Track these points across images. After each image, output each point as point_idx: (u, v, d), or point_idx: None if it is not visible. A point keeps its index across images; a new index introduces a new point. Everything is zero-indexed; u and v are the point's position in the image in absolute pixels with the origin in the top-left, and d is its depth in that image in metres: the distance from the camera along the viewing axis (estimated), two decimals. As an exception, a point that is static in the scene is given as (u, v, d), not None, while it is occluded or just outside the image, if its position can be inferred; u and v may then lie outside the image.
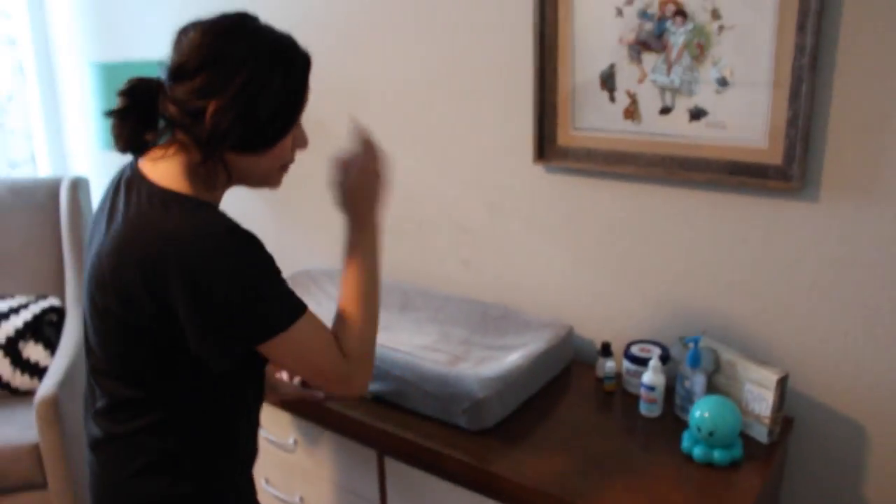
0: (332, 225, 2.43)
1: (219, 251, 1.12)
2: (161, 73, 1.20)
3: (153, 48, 2.79)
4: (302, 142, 1.32)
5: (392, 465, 1.66)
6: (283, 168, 1.31)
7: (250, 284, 1.15)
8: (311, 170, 2.43)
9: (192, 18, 1.21)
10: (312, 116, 2.30)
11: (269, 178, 1.31)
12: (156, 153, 1.22)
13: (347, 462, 1.76)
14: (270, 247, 1.22)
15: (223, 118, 1.15)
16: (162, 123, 1.22)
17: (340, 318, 1.30)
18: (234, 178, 1.26)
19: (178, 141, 1.21)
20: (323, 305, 2.12)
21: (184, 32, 1.19)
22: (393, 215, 2.26)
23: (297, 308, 1.21)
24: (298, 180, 2.46)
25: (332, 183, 1.35)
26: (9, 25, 3.13)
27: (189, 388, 1.24)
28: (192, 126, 1.16)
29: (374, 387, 1.71)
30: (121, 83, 1.21)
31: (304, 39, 1.26)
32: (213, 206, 1.21)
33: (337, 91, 2.29)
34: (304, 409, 1.78)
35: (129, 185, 1.22)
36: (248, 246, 1.16)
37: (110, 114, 1.20)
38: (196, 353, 1.17)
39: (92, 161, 3.26)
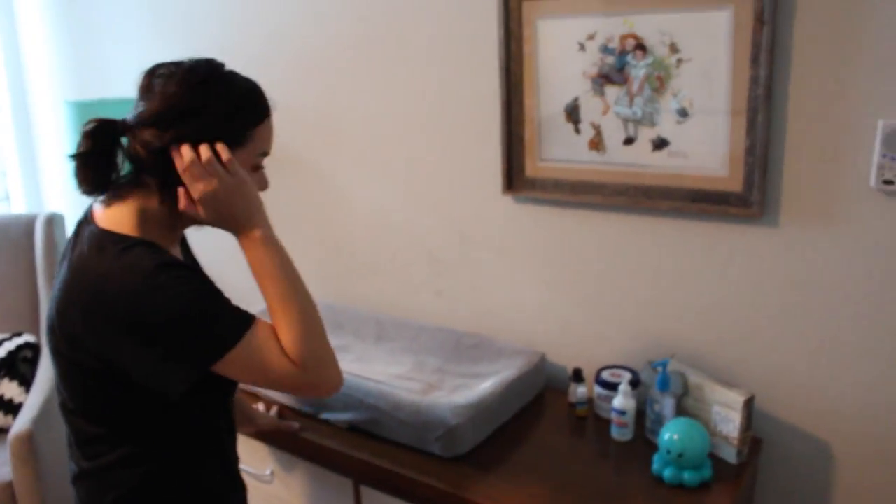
0: (307, 257, 2.45)
1: (150, 286, 1.13)
2: (129, 115, 1.22)
3: (128, 86, 2.81)
4: (263, 184, 1.36)
5: (368, 494, 1.67)
6: None
7: (189, 310, 1.15)
8: (286, 202, 2.46)
9: (162, 58, 1.24)
10: (287, 149, 2.33)
11: None
12: (113, 195, 1.24)
13: (323, 491, 1.77)
14: (246, 278, 1.24)
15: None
16: (123, 164, 1.24)
17: (275, 332, 1.27)
18: (201, 220, 1.28)
19: (140, 183, 1.23)
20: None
21: (152, 76, 1.23)
22: (368, 246, 2.30)
23: (243, 321, 1.20)
24: (274, 212, 2.49)
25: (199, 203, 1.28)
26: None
27: (152, 422, 1.25)
28: (160, 170, 1.20)
29: (348, 416, 1.73)
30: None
31: (278, 73, 1.30)
32: (149, 245, 1.20)
33: (310, 123, 2.32)
34: (280, 439, 1.79)
35: (80, 229, 1.26)
36: (178, 276, 1.16)
37: (73, 156, 1.21)
38: (151, 386, 1.18)
39: (67, 198, 3.26)
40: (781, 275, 1.63)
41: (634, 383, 1.73)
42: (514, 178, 1.92)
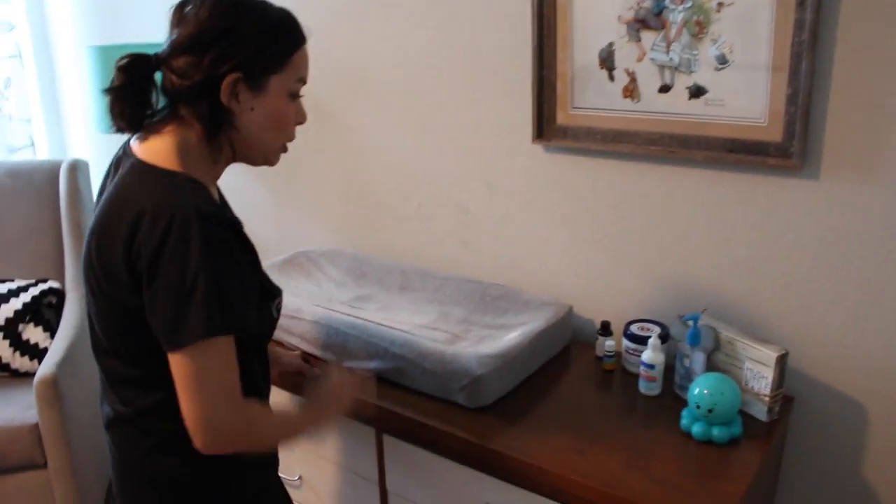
0: (331, 207, 2.43)
1: (180, 231, 1.08)
2: (163, 48, 1.19)
3: (151, 31, 2.78)
4: (301, 116, 1.31)
5: (391, 443, 1.67)
6: (283, 147, 1.31)
7: (189, 278, 1.08)
8: (311, 151, 2.43)
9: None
10: (311, 98, 2.30)
11: (270, 155, 1.31)
12: (150, 130, 1.22)
13: (346, 441, 1.77)
14: (269, 228, 1.21)
15: (232, 89, 1.17)
16: (159, 100, 1.22)
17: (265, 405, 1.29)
18: (237, 153, 1.27)
19: (177, 117, 1.21)
20: (322, 286, 2.12)
21: (184, 6, 1.19)
22: (392, 196, 2.26)
23: (221, 324, 1.11)
24: (299, 161, 2.47)
25: (311, 378, 1.38)
26: (6, 10, 3.12)
27: None
28: (199, 101, 1.17)
29: (372, 364, 1.72)
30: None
31: (304, 19, 1.26)
32: (197, 185, 1.17)
33: (335, 72, 2.28)
34: (302, 384, 1.78)
35: (118, 164, 1.23)
36: (212, 237, 1.10)
37: (108, 91, 1.19)
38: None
39: (91, 144, 3.25)
40: (820, 229, 1.58)
41: (664, 337, 1.70)
42: (545, 126, 1.87)
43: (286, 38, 1.22)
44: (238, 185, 2.70)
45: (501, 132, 1.97)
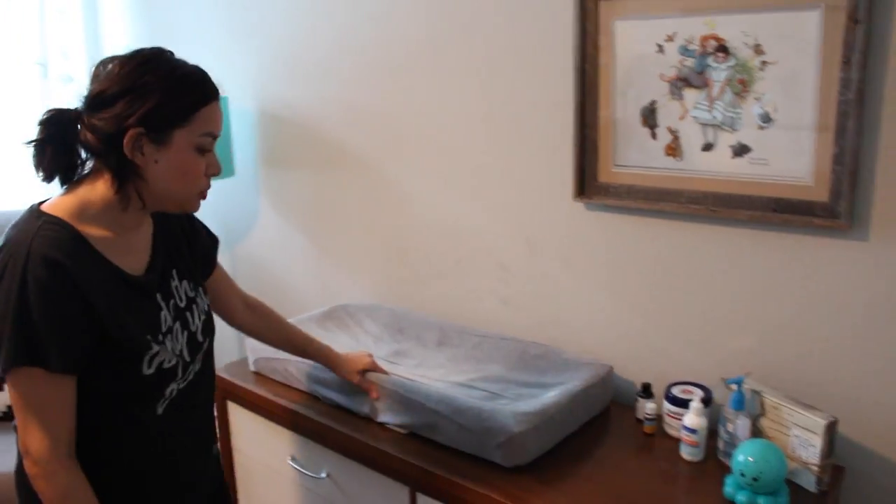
0: (370, 261, 2.44)
1: (7, 268, 1.18)
2: (80, 104, 1.26)
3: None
4: (213, 168, 1.34)
5: (424, 502, 1.63)
6: (200, 194, 1.34)
7: (5, 310, 1.17)
8: (352, 205, 2.45)
9: (236, 58, 1.24)
10: (351, 150, 2.34)
11: (185, 202, 1.34)
12: (68, 187, 1.29)
13: (379, 497, 1.73)
14: (309, 280, 1.22)
15: (136, 143, 1.22)
16: (84, 154, 1.28)
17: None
18: (147, 203, 1.30)
19: (94, 170, 1.28)
20: (360, 341, 2.12)
21: (102, 65, 1.26)
22: (431, 252, 2.26)
23: (26, 354, 1.18)
24: (339, 215, 2.49)
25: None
26: (67, 65, 3.23)
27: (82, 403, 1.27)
28: (107, 154, 1.23)
29: (406, 420, 1.69)
30: None
31: (346, 74, 1.29)
32: (58, 231, 1.21)
33: (376, 126, 2.31)
34: (337, 441, 1.76)
35: None
36: (34, 274, 1.16)
37: (30, 143, 1.26)
38: None
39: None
40: (869, 291, 1.53)
41: (706, 401, 1.65)
42: (586, 183, 1.86)
43: (190, 94, 1.26)
44: (280, 238, 2.73)
45: (542, 189, 1.97)
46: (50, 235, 1.19)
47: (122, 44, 3.18)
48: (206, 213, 1.42)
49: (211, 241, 1.58)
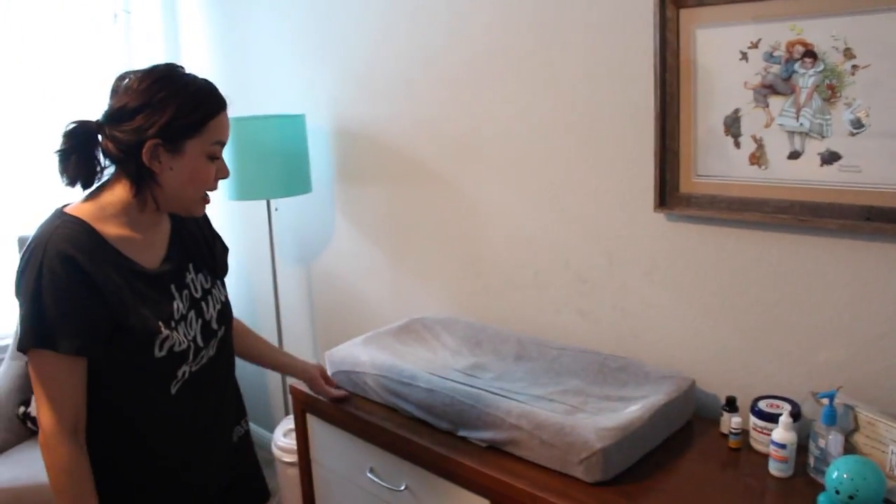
0: (447, 274, 2.44)
1: (29, 259, 1.30)
2: (102, 115, 1.38)
3: (275, 104, 2.92)
4: (222, 173, 1.46)
5: (505, 516, 1.62)
6: (204, 198, 1.46)
7: (25, 298, 1.30)
8: (427, 217, 2.47)
9: (313, 75, 1.27)
10: (429, 162, 2.35)
11: (191, 206, 1.45)
12: (90, 194, 1.41)
13: (460, 512, 1.73)
14: (385, 293, 1.23)
15: (153, 153, 1.35)
16: (104, 161, 1.40)
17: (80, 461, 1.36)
18: (160, 205, 1.42)
19: (112, 177, 1.41)
20: (437, 354, 2.12)
21: (120, 80, 1.37)
22: (509, 264, 2.26)
23: (39, 337, 1.29)
24: (415, 228, 2.51)
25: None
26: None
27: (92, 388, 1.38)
28: (127, 162, 1.36)
29: (487, 434, 1.69)
30: (248, 134, 1.33)
31: (423, 88, 1.31)
32: (77, 228, 1.33)
33: (453, 138, 2.32)
34: (416, 453, 1.76)
35: None
36: (49, 266, 1.28)
37: (56, 153, 1.38)
38: None
39: (222, 209, 3.40)
40: (970, 303, 1.47)
41: (795, 415, 1.60)
42: (668, 194, 1.83)
43: (201, 107, 1.37)
44: (356, 252, 2.76)
45: (621, 200, 1.95)
46: (66, 233, 1.32)
47: (201, 65, 3.27)
48: (284, 228, 1.46)
49: (224, 249, 1.69)
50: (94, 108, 1.42)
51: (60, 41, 3.09)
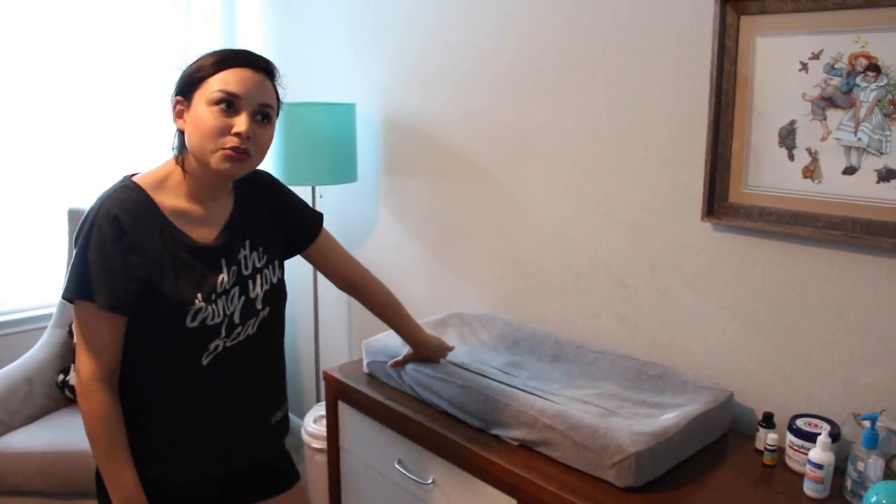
0: (487, 271, 2.44)
1: (86, 219, 1.39)
2: None
3: (329, 91, 2.93)
4: (239, 127, 1.40)
5: (532, 516, 1.61)
6: (224, 154, 1.40)
7: (77, 251, 1.38)
8: (470, 214, 2.46)
9: (366, 65, 1.27)
10: (474, 162, 2.34)
11: (210, 161, 1.41)
12: None
13: (487, 509, 1.73)
14: (424, 286, 1.23)
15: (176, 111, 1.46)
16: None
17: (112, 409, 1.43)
18: (188, 169, 1.46)
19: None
20: (475, 349, 2.11)
21: None
22: (550, 264, 2.25)
23: (81, 289, 1.37)
24: (457, 223, 2.51)
25: None
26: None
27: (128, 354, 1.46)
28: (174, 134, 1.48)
29: (519, 433, 1.68)
30: (298, 120, 1.35)
31: (473, 87, 1.31)
32: (132, 192, 1.41)
33: (500, 137, 2.32)
34: (446, 448, 1.76)
35: None
36: (98, 224, 1.37)
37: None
38: None
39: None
40: None
41: (834, 436, 1.57)
42: (716, 203, 1.80)
43: (211, 61, 1.42)
44: (398, 243, 2.77)
45: (668, 207, 1.93)
46: (119, 196, 1.40)
47: (256, 47, 3.30)
48: (328, 216, 1.48)
49: (311, 217, 1.73)
50: (153, 84, 1.46)
51: (123, 19, 3.14)
